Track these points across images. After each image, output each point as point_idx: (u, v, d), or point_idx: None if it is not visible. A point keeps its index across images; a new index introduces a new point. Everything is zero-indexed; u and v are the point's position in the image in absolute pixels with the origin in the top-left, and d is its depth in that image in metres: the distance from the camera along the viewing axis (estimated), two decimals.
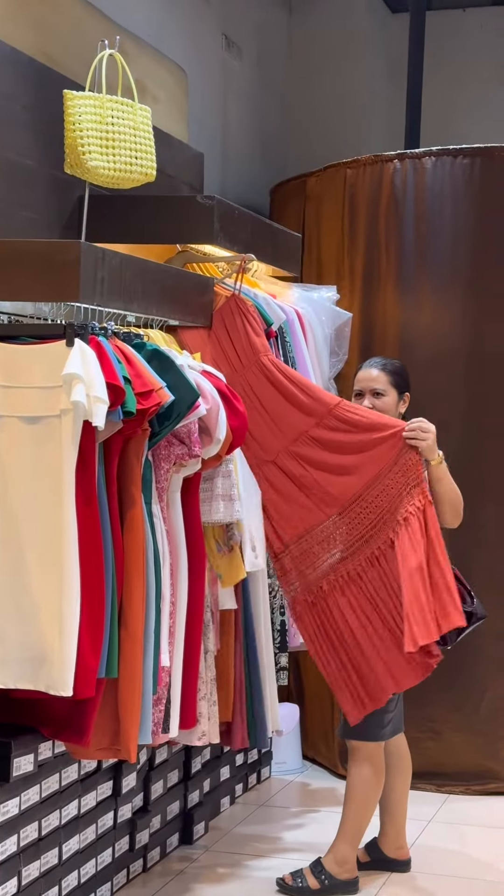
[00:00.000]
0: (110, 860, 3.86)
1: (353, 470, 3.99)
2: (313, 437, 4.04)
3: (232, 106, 6.00)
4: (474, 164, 5.01)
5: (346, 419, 4.00)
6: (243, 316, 4.06)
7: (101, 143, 3.67)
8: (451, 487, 3.99)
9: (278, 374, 4.06)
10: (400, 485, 3.94)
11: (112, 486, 3.39)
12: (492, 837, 4.55)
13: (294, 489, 4.06)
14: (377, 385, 4.11)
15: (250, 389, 4.05)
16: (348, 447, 4.00)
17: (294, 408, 4.05)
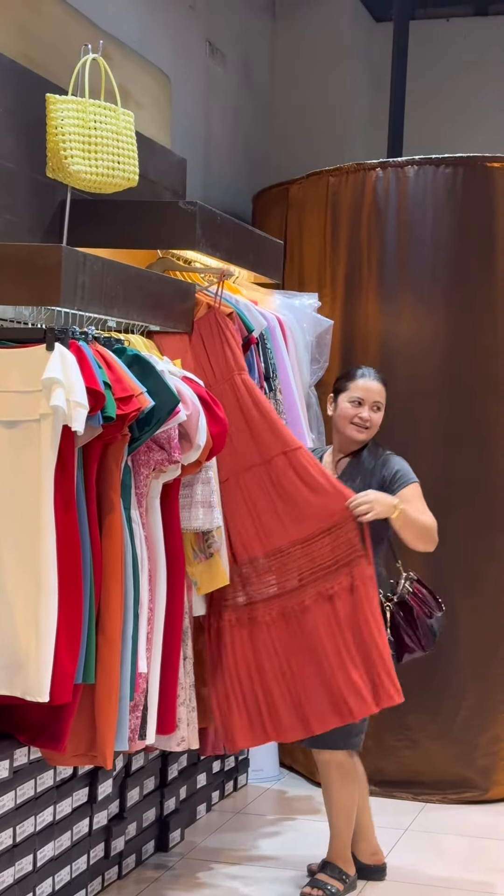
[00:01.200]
0: (85, 867, 3.84)
1: (286, 520, 3.98)
2: (261, 473, 4.01)
3: (215, 112, 6.00)
4: (456, 173, 5.02)
5: (300, 467, 3.96)
6: (221, 331, 4.03)
7: (83, 148, 3.66)
8: (419, 526, 3.97)
9: (248, 398, 4.02)
10: (328, 556, 3.93)
11: (91, 491, 3.38)
12: (468, 846, 4.55)
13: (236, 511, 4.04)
14: (380, 399, 4.11)
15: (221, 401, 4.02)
16: (290, 495, 3.97)
17: (252, 438, 4.01)
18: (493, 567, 5.06)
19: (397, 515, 3.91)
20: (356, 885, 4.08)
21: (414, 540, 3.98)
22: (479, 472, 5.05)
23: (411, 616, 4.07)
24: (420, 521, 3.96)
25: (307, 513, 3.95)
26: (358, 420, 4.08)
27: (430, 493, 5.02)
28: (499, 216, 5.03)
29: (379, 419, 4.10)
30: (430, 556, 5.02)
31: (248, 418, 4.01)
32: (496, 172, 5.02)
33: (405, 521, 3.93)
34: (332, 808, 4.04)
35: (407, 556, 5.04)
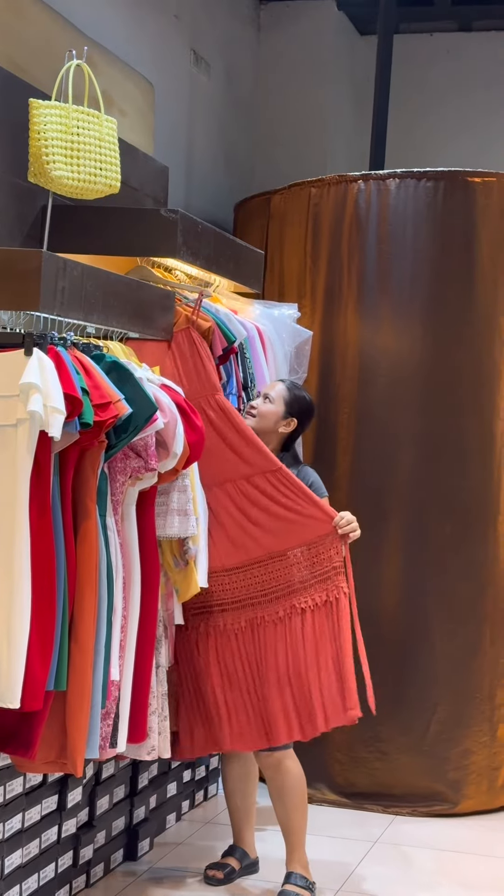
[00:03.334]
0: (53, 875, 3.82)
1: (263, 533, 4.04)
2: (240, 488, 4.05)
3: (198, 121, 6.00)
4: (438, 187, 5.04)
5: (281, 486, 4.03)
6: (196, 350, 4.04)
7: (65, 153, 3.65)
8: None
9: (224, 418, 4.04)
10: (306, 571, 4.01)
11: (67, 497, 3.36)
12: (437, 860, 4.55)
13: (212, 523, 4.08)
14: (271, 392, 4.20)
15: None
16: (269, 511, 4.03)
17: (227, 457, 4.04)
18: (467, 579, 5.07)
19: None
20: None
21: None
22: (456, 484, 5.06)
23: None
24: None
25: (287, 528, 4.03)
26: (248, 407, 4.20)
27: (407, 504, 5.07)
28: (479, 231, 5.05)
29: (266, 410, 4.17)
30: (405, 566, 5.07)
31: (224, 438, 4.04)
32: (477, 187, 5.04)
33: None
34: (291, 812, 4.06)
35: (385, 566, 5.07)
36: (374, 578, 5.05)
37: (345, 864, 4.41)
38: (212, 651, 4.06)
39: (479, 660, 5.08)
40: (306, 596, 4.00)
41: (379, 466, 5.09)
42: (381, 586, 5.07)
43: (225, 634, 4.06)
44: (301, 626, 3.99)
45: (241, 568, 4.05)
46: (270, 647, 4.01)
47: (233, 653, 4.05)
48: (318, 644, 3.98)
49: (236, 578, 4.06)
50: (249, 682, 4.02)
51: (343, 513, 4.03)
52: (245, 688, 4.03)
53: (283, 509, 4.03)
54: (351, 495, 5.08)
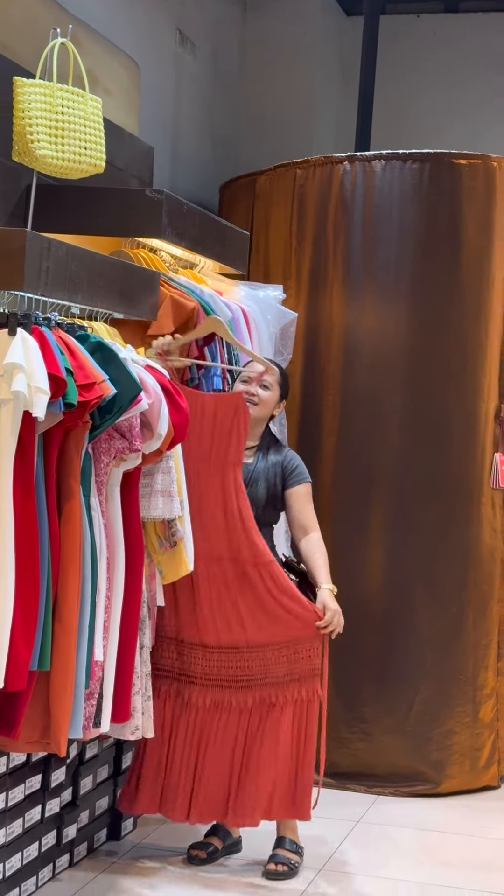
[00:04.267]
0: (36, 854, 3.83)
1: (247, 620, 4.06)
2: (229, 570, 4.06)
3: (184, 101, 5.98)
4: (423, 169, 5.03)
5: (270, 580, 4.04)
6: (238, 422, 4.07)
7: (50, 132, 3.63)
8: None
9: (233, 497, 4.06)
10: (284, 668, 4.05)
11: (51, 477, 3.36)
12: (420, 839, 4.57)
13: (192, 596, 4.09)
14: (268, 377, 4.18)
15: (198, 481, 4.05)
16: (257, 601, 4.04)
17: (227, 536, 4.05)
18: (451, 561, 5.09)
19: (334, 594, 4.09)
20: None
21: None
22: (440, 465, 5.07)
23: (307, 593, 4.16)
24: (324, 555, 4.15)
25: (271, 622, 4.04)
26: (246, 395, 4.14)
27: (391, 486, 5.08)
28: (464, 213, 5.05)
29: (266, 397, 4.16)
30: (389, 548, 5.08)
31: (228, 515, 4.06)
32: (463, 169, 5.04)
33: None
34: None
35: (368, 548, 5.08)
36: (358, 561, 5.06)
37: (328, 843, 4.43)
38: (167, 714, 4.10)
39: (462, 642, 5.11)
40: (279, 692, 4.04)
41: (364, 448, 5.09)
42: (366, 569, 5.08)
43: (186, 706, 4.08)
44: (266, 719, 4.04)
45: (219, 649, 4.07)
46: (230, 733, 4.05)
47: (187, 726, 4.08)
48: (279, 740, 4.02)
49: (212, 657, 4.08)
50: (193, 759, 4.06)
51: (329, 613, 4.03)
52: (189, 762, 4.07)
53: (273, 602, 4.03)
54: (335, 477, 5.09)
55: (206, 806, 4.06)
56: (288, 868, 4.08)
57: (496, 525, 5.20)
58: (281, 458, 4.18)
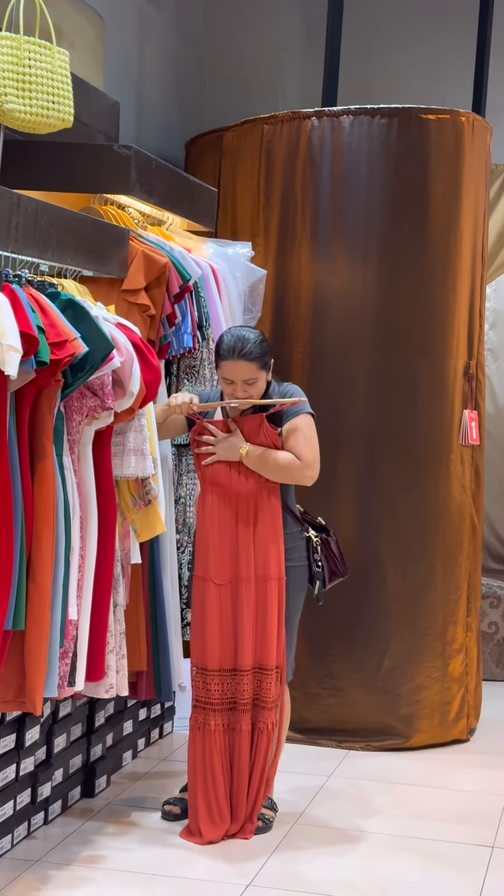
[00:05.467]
0: (11, 813, 3.84)
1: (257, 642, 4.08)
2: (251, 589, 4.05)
3: (148, 56, 5.91)
4: (391, 124, 5.01)
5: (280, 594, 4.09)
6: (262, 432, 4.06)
7: (17, 86, 3.58)
8: (269, 466, 4.03)
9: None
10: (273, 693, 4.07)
11: (23, 436, 3.34)
12: (390, 792, 4.62)
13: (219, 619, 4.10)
14: (249, 376, 4.02)
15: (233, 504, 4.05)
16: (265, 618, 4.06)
17: (256, 555, 4.05)
18: (420, 517, 5.11)
19: (245, 456, 4.01)
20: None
21: (273, 478, 4.06)
22: (409, 423, 5.09)
23: (330, 545, 4.23)
24: (271, 460, 4.02)
25: (267, 642, 4.05)
26: (237, 400, 4.06)
27: (361, 443, 5.08)
28: (433, 168, 5.04)
29: (256, 390, 4.06)
30: (358, 504, 5.09)
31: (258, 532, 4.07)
32: (431, 124, 5.02)
33: (255, 463, 4.03)
34: (282, 734, 4.17)
35: (338, 504, 5.09)
36: (327, 517, 5.05)
37: (300, 797, 4.47)
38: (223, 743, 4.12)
39: (430, 597, 5.14)
40: (266, 717, 4.08)
41: (332, 405, 5.09)
42: (335, 525, 5.06)
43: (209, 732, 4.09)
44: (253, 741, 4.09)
45: (232, 671, 4.09)
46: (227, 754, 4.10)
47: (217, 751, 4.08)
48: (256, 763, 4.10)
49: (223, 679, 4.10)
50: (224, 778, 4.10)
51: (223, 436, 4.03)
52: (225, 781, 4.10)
53: (273, 621, 4.04)
54: None
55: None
56: (262, 823, 4.12)
57: (465, 481, 5.22)
58: (280, 393, 4.10)
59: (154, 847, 3.97)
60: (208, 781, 4.06)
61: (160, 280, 4.04)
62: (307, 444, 4.04)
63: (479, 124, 5.18)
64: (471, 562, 5.29)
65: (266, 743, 4.07)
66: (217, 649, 4.07)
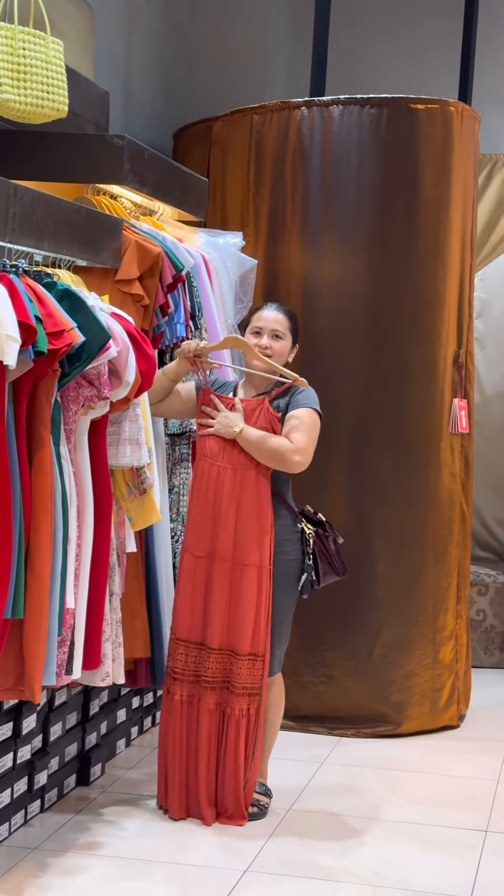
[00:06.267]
0: (9, 801, 3.86)
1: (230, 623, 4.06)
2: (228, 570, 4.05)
3: (136, 46, 5.90)
4: (381, 114, 5.03)
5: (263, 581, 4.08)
6: (266, 417, 4.08)
7: (11, 76, 3.58)
8: (262, 449, 4.04)
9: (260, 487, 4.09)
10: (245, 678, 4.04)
11: (21, 426, 3.35)
12: (383, 778, 4.65)
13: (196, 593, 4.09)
14: (279, 328, 4.16)
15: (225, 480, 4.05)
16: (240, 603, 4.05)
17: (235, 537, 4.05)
18: (410, 506, 5.14)
19: (238, 434, 4.03)
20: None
21: (263, 461, 4.07)
22: (400, 411, 5.11)
23: (327, 542, 4.22)
24: (263, 443, 4.04)
25: (245, 626, 4.03)
26: (258, 348, 4.12)
27: (351, 432, 5.11)
28: (422, 158, 5.06)
29: (280, 347, 4.14)
30: (349, 493, 5.11)
31: (248, 509, 4.05)
32: (420, 114, 5.04)
33: (247, 444, 4.05)
34: (266, 729, 4.17)
35: (329, 494, 5.11)
36: (318, 506, 5.06)
37: (294, 784, 4.50)
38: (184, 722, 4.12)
39: (421, 585, 5.18)
40: (235, 702, 4.05)
41: (322, 395, 5.05)
42: (326, 514, 5.10)
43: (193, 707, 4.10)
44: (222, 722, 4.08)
45: (203, 646, 4.08)
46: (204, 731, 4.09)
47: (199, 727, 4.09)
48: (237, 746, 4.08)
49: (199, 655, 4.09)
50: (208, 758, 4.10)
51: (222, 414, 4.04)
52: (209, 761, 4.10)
53: (255, 606, 4.03)
54: None
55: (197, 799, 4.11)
56: (258, 809, 4.15)
57: (455, 470, 5.26)
58: (287, 397, 4.13)
59: (150, 834, 4.00)
60: (168, 750, 4.09)
61: (153, 270, 4.05)
62: (304, 432, 4.05)
63: (467, 114, 5.21)
64: (460, 550, 5.32)
65: (236, 730, 4.04)
66: (187, 619, 4.06)
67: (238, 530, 4.05)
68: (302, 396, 4.11)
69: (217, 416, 4.08)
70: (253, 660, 4.04)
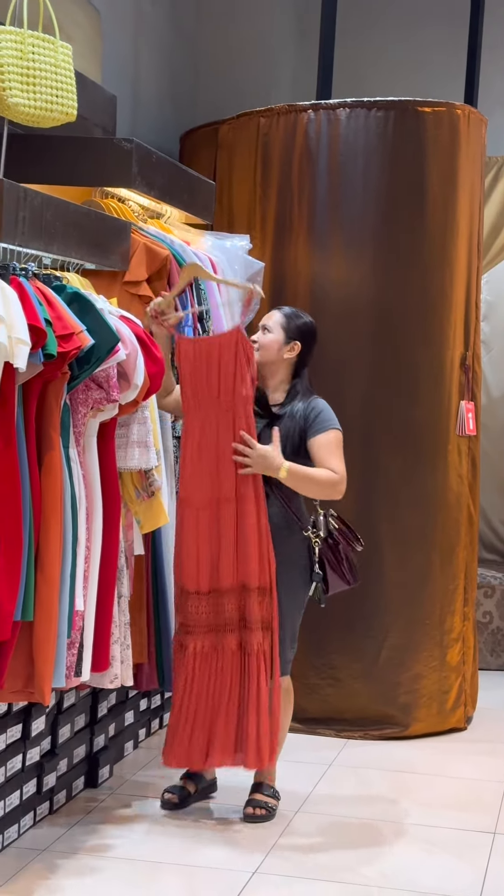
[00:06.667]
0: (18, 803, 3.86)
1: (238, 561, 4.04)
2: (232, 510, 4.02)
3: (144, 50, 5.92)
4: (388, 117, 5.04)
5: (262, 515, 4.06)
6: (238, 354, 4.02)
7: (21, 80, 3.59)
8: (310, 483, 4.05)
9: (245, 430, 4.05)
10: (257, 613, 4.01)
11: (30, 428, 3.36)
12: (391, 780, 4.66)
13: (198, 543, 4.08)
14: (268, 322, 4.20)
15: (213, 423, 4.02)
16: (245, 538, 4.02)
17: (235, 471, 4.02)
18: (418, 508, 5.15)
19: (284, 477, 4.01)
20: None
21: (312, 495, 4.12)
22: (408, 413, 5.12)
23: (337, 551, 4.19)
24: (312, 478, 4.03)
25: (251, 562, 4.01)
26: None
27: (359, 434, 5.11)
28: (429, 161, 5.07)
29: (266, 341, 4.16)
30: (356, 496, 5.10)
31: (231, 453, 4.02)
32: (427, 117, 5.05)
33: (294, 482, 4.03)
34: (280, 728, 4.16)
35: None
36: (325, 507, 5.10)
37: (302, 786, 4.50)
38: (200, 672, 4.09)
39: (429, 587, 5.18)
40: (252, 637, 4.02)
41: (330, 398, 5.06)
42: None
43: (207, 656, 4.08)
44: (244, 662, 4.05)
45: (215, 592, 4.06)
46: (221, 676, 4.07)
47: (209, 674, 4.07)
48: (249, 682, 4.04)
49: (202, 603, 4.07)
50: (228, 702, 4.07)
51: (258, 448, 3.98)
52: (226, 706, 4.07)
53: (257, 541, 4.01)
54: None
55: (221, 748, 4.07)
56: (266, 811, 4.15)
57: (462, 472, 5.26)
58: (304, 406, 4.12)
59: (159, 836, 4.00)
60: (184, 703, 4.07)
61: (162, 272, 4.07)
62: (338, 457, 4.07)
63: (474, 116, 5.22)
64: (468, 552, 5.33)
65: (256, 666, 4.00)
66: (193, 571, 4.05)
67: (237, 470, 4.03)
68: (321, 418, 4.09)
69: (252, 453, 3.98)
70: (262, 593, 4.01)
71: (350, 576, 4.22)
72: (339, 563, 4.19)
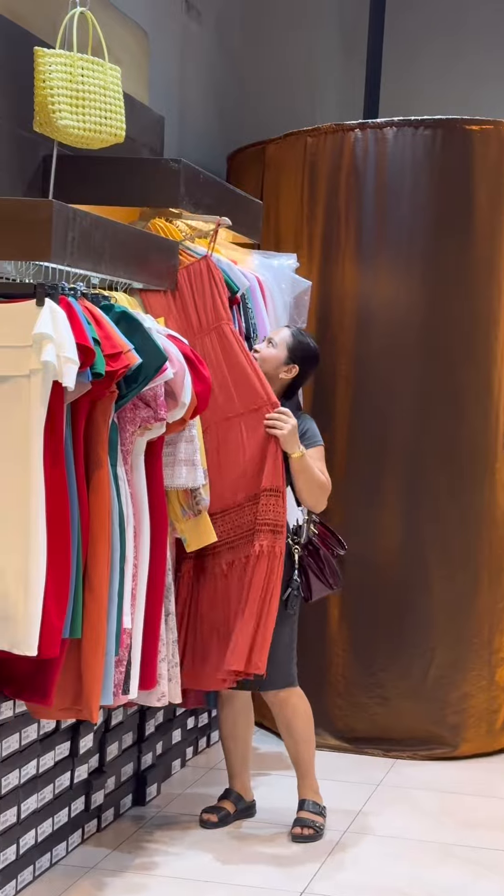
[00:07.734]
0: (66, 820, 3.88)
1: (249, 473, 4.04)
2: (240, 424, 4.05)
3: (190, 70, 5.96)
4: (436, 135, 5.03)
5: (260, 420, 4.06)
6: (212, 280, 4.06)
7: (71, 102, 3.64)
8: (312, 479, 4.07)
9: (236, 346, 4.07)
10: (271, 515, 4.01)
11: (79, 447, 3.39)
12: (440, 801, 4.63)
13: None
14: (275, 336, 4.21)
15: (203, 353, 4.03)
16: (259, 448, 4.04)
17: (236, 388, 4.06)
18: (465, 526, 5.12)
19: (298, 457, 4.04)
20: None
21: (305, 491, 4.10)
22: (454, 433, 5.10)
23: (318, 556, 4.20)
24: (315, 474, 4.09)
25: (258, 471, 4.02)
26: (252, 351, 4.19)
27: (406, 453, 5.11)
28: (477, 179, 5.06)
29: (267, 354, 4.18)
30: (403, 513, 5.11)
31: (234, 367, 4.05)
32: (475, 135, 5.04)
33: (303, 466, 4.06)
34: (300, 744, 4.20)
35: (383, 513, 5.11)
36: (372, 526, 5.10)
37: (350, 805, 4.48)
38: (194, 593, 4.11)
39: (476, 605, 5.15)
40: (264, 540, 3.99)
41: (377, 416, 5.12)
42: (380, 534, 5.12)
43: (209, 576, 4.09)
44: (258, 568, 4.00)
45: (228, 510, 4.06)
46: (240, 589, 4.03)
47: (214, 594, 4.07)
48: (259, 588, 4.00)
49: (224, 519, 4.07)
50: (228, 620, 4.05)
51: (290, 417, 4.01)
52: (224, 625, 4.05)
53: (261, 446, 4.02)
54: (349, 445, 5.11)
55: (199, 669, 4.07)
56: (314, 831, 4.14)
57: None
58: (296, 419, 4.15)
59: (206, 854, 4.00)
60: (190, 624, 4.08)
61: None
62: (325, 475, 4.14)
63: None
64: None
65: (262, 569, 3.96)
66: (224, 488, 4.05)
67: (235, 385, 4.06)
68: (311, 434, 4.16)
69: (290, 421, 4.01)
70: (274, 495, 4.00)
71: (332, 580, 4.23)
72: (322, 569, 4.20)
